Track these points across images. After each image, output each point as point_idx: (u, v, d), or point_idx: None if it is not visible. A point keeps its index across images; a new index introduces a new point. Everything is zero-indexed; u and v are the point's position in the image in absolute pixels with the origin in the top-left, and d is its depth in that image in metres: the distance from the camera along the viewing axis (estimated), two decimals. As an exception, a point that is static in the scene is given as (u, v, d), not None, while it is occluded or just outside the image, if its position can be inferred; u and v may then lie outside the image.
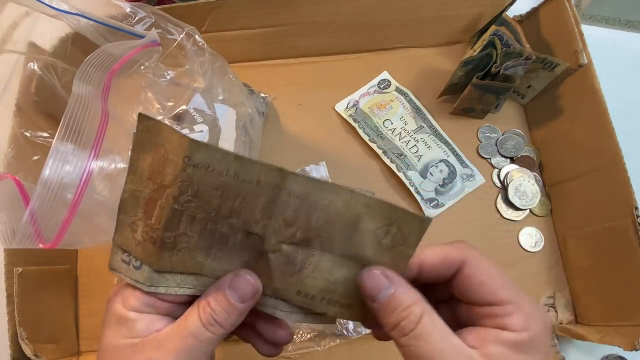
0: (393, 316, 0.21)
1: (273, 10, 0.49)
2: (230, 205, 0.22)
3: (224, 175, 0.21)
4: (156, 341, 0.22)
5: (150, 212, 0.22)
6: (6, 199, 0.25)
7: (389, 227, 0.22)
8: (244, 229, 0.23)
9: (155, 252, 0.22)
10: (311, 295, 0.24)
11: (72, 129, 0.25)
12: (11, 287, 0.40)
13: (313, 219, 0.22)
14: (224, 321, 0.22)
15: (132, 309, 0.23)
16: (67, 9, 0.32)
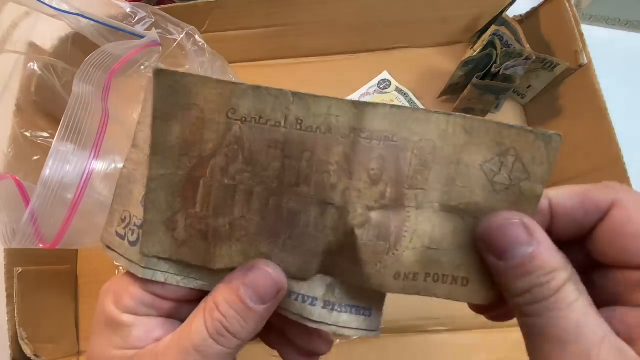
0: (527, 281, 0.16)
1: (273, 10, 0.49)
2: (296, 168, 0.17)
3: (282, 126, 0.16)
4: (154, 355, 0.18)
5: (193, 197, 0.18)
6: (6, 199, 0.25)
7: (503, 157, 0.16)
8: (318, 200, 0.17)
9: (208, 249, 0.18)
10: (413, 274, 0.18)
11: (73, 129, 0.25)
12: (11, 287, 0.40)
13: (404, 165, 0.17)
14: (239, 330, 0.17)
15: (127, 311, 0.18)
16: (67, 9, 0.32)
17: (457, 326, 0.43)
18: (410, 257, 0.17)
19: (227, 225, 0.18)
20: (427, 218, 0.17)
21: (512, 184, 0.16)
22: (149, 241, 0.18)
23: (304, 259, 0.18)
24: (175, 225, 0.18)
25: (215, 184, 0.17)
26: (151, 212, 0.18)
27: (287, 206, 0.17)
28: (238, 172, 0.17)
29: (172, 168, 0.17)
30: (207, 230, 0.18)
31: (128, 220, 0.18)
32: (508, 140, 0.16)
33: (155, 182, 0.18)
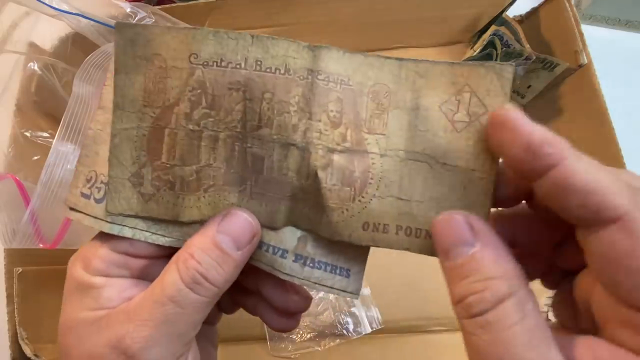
0: (461, 285, 0.14)
1: (273, 10, 0.49)
2: (257, 110, 0.17)
3: (242, 67, 0.17)
4: (126, 314, 0.17)
5: (158, 148, 0.17)
6: (6, 199, 0.25)
7: (459, 95, 0.16)
8: (280, 142, 0.17)
9: (176, 202, 0.18)
10: (383, 225, 0.17)
11: (73, 129, 0.25)
12: (11, 287, 0.40)
13: (361, 109, 0.17)
14: (215, 277, 0.17)
15: (97, 273, 0.18)
16: (68, 9, 0.32)
17: (457, 326, 0.43)
18: (379, 206, 0.17)
19: (194, 174, 0.17)
20: (393, 166, 0.17)
21: (471, 120, 0.16)
22: (115, 199, 0.18)
23: (271, 206, 0.18)
24: (141, 180, 0.18)
25: (180, 131, 0.17)
26: (116, 168, 0.18)
27: (250, 151, 0.17)
28: (202, 117, 0.17)
29: (136, 121, 0.17)
30: (174, 181, 0.18)
31: (94, 179, 0.18)
32: (461, 78, 0.16)
33: (119, 137, 0.17)
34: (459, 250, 0.15)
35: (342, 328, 0.44)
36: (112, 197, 0.18)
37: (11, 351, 0.39)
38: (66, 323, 0.18)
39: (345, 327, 0.44)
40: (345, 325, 0.44)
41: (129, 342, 0.16)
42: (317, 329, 0.44)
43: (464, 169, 0.17)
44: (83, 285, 0.18)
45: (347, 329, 0.44)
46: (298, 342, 0.45)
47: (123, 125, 0.17)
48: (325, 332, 0.44)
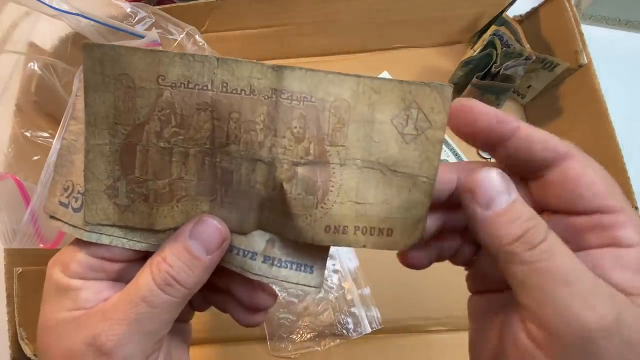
0: (515, 226, 0.16)
1: (273, 10, 0.49)
2: (224, 129, 0.18)
3: (209, 89, 0.18)
4: (102, 313, 0.18)
5: (131, 163, 0.18)
6: (7, 199, 0.25)
7: (408, 111, 0.18)
8: (247, 158, 0.18)
9: (151, 211, 0.19)
10: (342, 227, 0.19)
11: (73, 129, 0.25)
12: (11, 287, 0.40)
13: (324, 124, 0.18)
14: (185, 279, 0.18)
15: (75, 276, 0.19)
16: (68, 9, 0.32)
17: (457, 326, 0.43)
18: (339, 210, 0.19)
19: (166, 187, 0.19)
20: (351, 174, 0.19)
21: (418, 133, 0.18)
22: (92, 209, 0.19)
23: (240, 214, 0.19)
24: (116, 192, 0.19)
25: (151, 148, 0.18)
26: (91, 182, 0.19)
27: (220, 165, 0.19)
28: (172, 135, 0.18)
29: (108, 137, 0.18)
30: (147, 193, 0.19)
31: (71, 188, 0.19)
32: (410, 95, 0.18)
33: (92, 152, 0.18)
34: (502, 198, 0.17)
35: (342, 328, 0.44)
36: (90, 208, 0.19)
37: (11, 351, 0.39)
38: (45, 323, 0.19)
39: (345, 327, 0.44)
40: (345, 325, 0.44)
41: (103, 340, 0.17)
42: (317, 329, 0.44)
43: (411, 175, 0.19)
44: (61, 288, 0.19)
45: (347, 329, 0.44)
46: (298, 342, 0.45)
47: (96, 141, 0.18)
48: (325, 332, 0.44)
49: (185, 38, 0.37)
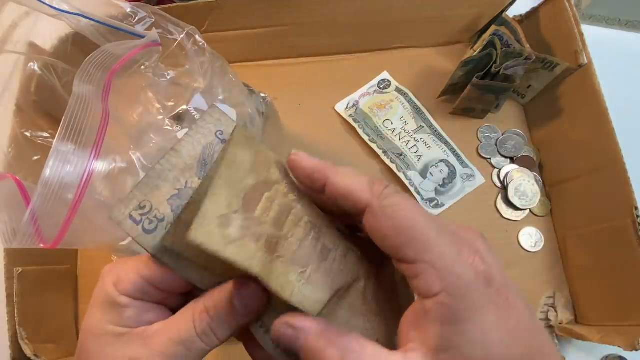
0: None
1: (273, 10, 0.49)
2: (326, 220, 0.21)
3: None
4: (144, 338, 0.20)
5: (254, 204, 0.20)
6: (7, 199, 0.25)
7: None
8: (346, 245, 0.21)
9: (257, 253, 0.19)
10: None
11: (73, 129, 0.25)
12: (11, 287, 0.40)
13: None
14: (221, 332, 0.21)
15: (124, 293, 0.20)
16: (68, 9, 0.32)
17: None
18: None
19: (276, 240, 0.20)
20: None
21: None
22: (200, 231, 0.18)
23: (318, 296, 0.20)
24: (229, 222, 0.19)
25: (278, 198, 0.20)
26: (210, 205, 0.19)
27: (322, 242, 0.21)
28: (293, 200, 0.21)
29: (240, 174, 0.20)
30: (262, 235, 0.20)
31: (148, 210, 0.20)
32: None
33: (223, 179, 0.20)
34: (297, 345, 0.19)
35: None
36: (199, 228, 0.19)
37: (11, 351, 0.39)
38: (90, 329, 0.21)
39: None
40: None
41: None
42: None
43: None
44: (111, 301, 0.21)
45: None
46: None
47: (227, 172, 0.20)
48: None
49: (185, 38, 0.37)
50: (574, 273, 0.46)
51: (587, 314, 0.44)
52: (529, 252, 0.47)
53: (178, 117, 0.36)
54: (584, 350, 0.44)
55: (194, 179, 0.21)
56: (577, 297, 0.45)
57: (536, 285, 0.46)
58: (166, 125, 0.35)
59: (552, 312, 0.45)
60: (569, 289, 0.46)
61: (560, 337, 0.44)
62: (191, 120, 0.37)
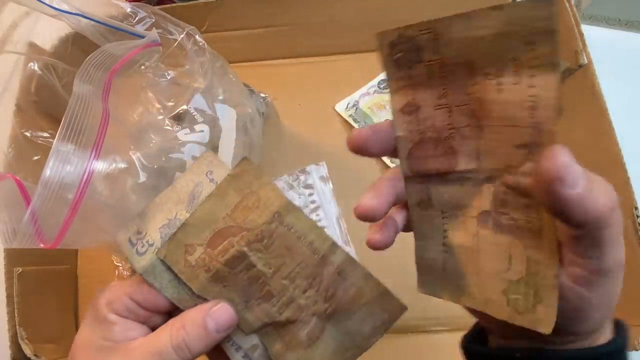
0: (603, 196, 0.18)
1: (273, 10, 0.49)
2: (291, 268, 0.23)
3: (300, 240, 0.23)
4: (126, 351, 0.23)
5: (217, 243, 0.23)
6: (7, 199, 0.25)
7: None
8: (290, 296, 0.24)
9: (203, 280, 0.23)
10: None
11: (73, 129, 0.25)
12: (11, 287, 0.40)
13: (344, 296, 0.23)
14: (195, 347, 0.23)
15: (114, 312, 0.24)
16: (68, 9, 0.32)
17: (457, 326, 0.43)
18: (311, 356, 0.24)
19: (225, 274, 0.23)
20: (334, 337, 0.24)
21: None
22: (167, 250, 0.24)
23: (256, 321, 0.24)
24: (192, 251, 0.23)
25: (238, 245, 0.23)
26: (181, 233, 0.24)
27: (268, 288, 0.24)
28: (256, 250, 0.23)
29: (218, 214, 0.24)
30: (212, 269, 0.23)
31: (143, 235, 0.24)
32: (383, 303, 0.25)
33: (204, 211, 0.24)
34: (582, 177, 0.18)
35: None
36: (165, 247, 0.24)
37: (11, 351, 0.39)
38: (82, 342, 0.24)
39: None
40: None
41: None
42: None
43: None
44: (101, 318, 0.24)
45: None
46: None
47: (210, 208, 0.24)
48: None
49: (185, 38, 0.37)
50: (574, 273, 0.46)
51: (587, 314, 0.44)
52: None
53: (178, 117, 0.36)
54: (584, 350, 0.44)
55: (183, 212, 0.25)
56: (577, 297, 0.45)
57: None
58: (166, 125, 0.35)
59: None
60: (569, 289, 0.46)
61: (560, 337, 0.44)
62: (191, 120, 0.37)
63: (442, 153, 0.19)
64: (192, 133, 0.36)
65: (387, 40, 0.18)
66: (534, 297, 0.18)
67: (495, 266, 0.19)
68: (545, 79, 0.17)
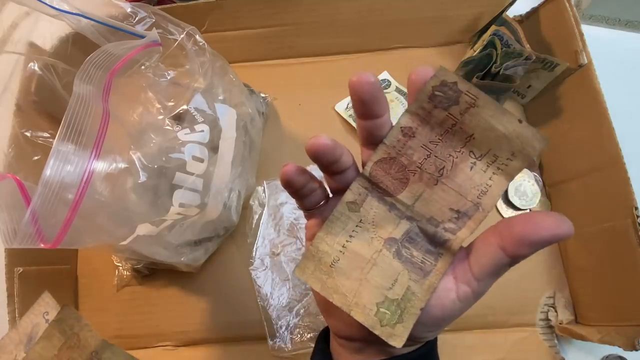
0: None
1: (273, 10, 0.49)
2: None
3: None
4: None
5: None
6: (7, 199, 0.25)
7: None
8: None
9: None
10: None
11: (73, 129, 0.25)
12: (12, 287, 0.40)
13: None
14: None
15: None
16: (68, 9, 0.32)
17: (457, 326, 0.43)
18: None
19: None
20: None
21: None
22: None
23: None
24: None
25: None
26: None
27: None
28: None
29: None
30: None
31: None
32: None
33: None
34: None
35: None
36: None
37: (11, 351, 0.39)
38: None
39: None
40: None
41: None
42: (317, 328, 0.44)
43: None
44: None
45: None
46: (298, 342, 0.45)
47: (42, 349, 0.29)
48: (326, 332, 0.44)
49: (185, 38, 0.37)
50: (574, 273, 0.46)
51: (587, 314, 0.44)
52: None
53: (178, 117, 0.36)
54: (584, 350, 0.44)
55: (22, 353, 0.27)
56: (577, 297, 0.45)
57: (536, 285, 0.46)
58: (166, 125, 0.35)
59: (552, 312, 0.45)
60: (569, 289, 0.46)
61: (560, 337, 0.44)
62: (191, 120, 0.37)
63: (398, 178, 0.22)
64: (192, 133, 0.36)
65: (442, 77, 0.20)
66: (399, 317, 0.21)
67: (380, 281, 0.22)
68: (501, 181, 0.21)
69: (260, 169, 0.51)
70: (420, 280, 0.22)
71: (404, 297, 0.22)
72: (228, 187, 0.41)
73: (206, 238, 0.45)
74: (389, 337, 0.21)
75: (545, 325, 0.45)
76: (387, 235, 0.22)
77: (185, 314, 0.47)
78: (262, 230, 0.49)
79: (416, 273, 0.22)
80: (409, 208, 0.22)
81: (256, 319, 0.46)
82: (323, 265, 0.22)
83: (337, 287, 0.22)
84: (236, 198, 0.45)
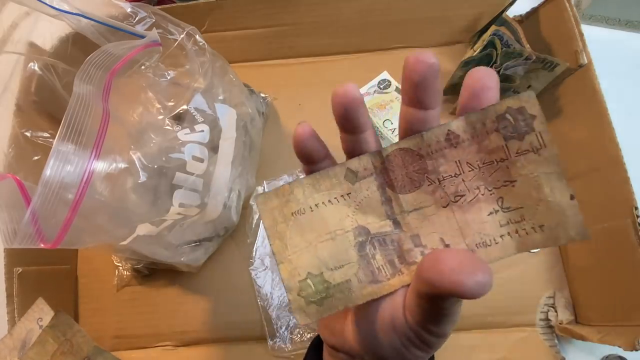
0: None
1: (273, 10, 0.49)
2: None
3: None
4: None
5: None
6: (7, 199, 0.25)
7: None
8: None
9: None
10: None
11: (73, 129, 0.25)
12: (11, 287, 0.40)
13: None
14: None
15: None
16: (68, 9, 0.32)
17: (457, 326, 0.43)
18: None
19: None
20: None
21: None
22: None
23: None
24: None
25: None
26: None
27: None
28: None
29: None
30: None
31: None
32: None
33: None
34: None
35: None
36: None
37: (11, 351, 0.39)
38: None
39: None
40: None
41: None
42: (317, 328, 0.44)
43: None
44: None
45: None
46: (298, 342, 0.45)
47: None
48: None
49: (185, 38, 0.37)
50: (574, 273, 0.46)
51: (587, 314, 0.44)
52: (529, 252, 0.47)
53: (178, 117, 0.36)
54: (584, 350, 0.44)
55: (15, 358, 0.28)
56: (577, 297, 0.45)
57: (536, 285, 0.46)
58: (166, 125, 0.35)
59: (552, 312, 0.45)
60: (569, 289, 0.46)
61: (560, 337, 0.44)
62: (191, 120, 0.37)
63: (412, 178, 0.20)
64: (192, 133, 0.36)
65: (525, 103, 0.18)
66: (319, 300, 0.20)
67: (327, 258, 0.20)
68: (509, 247, 0.19)
69: (260, 169, 0.51)
70: (365, 283, 0.20)
71: (338, 286, 0.20)
72: (228, 187, 0.41)
73: (206, 238, 0.45)
74: (297, 309, 0.20)
75: (546, 325, 0.45)
76: (363, 223, 0.21)
77: (185, 314, 0.47)
78: (262, 230, 0.49)
79: (365, 274, 0.20)
80: (402, 213, 0.20)
81: (256, 319, 0.46)
82: (286, 209, 0.21)
83: (285, 235, 0.21)
84: (236, 198, 0.45)
